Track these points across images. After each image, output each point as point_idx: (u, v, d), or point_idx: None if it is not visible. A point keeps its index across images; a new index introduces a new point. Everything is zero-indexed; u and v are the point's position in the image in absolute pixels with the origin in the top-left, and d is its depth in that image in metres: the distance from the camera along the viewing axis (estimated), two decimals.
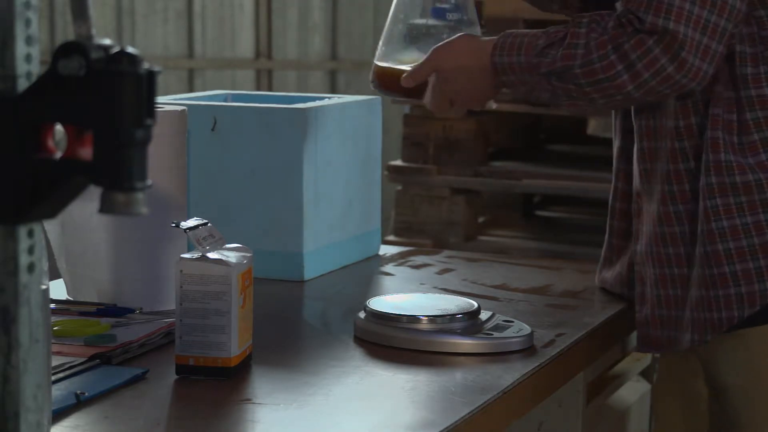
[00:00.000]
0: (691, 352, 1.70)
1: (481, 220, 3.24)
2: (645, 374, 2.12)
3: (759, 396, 1.63)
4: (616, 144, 1.81)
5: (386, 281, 2.02)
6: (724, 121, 1.61)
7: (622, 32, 1.58)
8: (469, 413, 1.33)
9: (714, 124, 1.62)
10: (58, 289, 1.76)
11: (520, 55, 1.65)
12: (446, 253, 2.23)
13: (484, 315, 1.62)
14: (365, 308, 1.63)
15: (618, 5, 1.63)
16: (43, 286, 0.96)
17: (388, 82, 1.82)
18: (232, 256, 1.44)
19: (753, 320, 1.60)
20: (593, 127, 3.51)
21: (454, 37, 1.74)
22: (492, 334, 1.57)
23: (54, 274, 1.75)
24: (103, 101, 0.83)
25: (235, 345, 1.42)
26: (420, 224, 3.10)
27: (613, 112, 1.80)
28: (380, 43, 1.86)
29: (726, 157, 1.61)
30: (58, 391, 1.33)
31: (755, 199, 1.59)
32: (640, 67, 1.57)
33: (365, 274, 2.05)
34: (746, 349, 1.63)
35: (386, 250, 2.20)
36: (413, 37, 1.84)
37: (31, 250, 0.87)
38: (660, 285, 1.70)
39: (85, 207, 1.55)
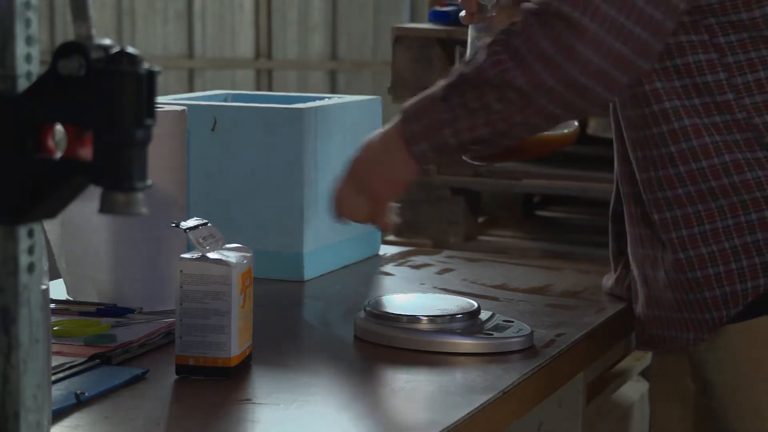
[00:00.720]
0: (683, 350, 1.71)
1: (481, 220, 3.24)
2: (645, 374, 2.12)
3: (744, 391, 1.64)
4: (615, 147, 1.81)
5: (386, 281, 2.02)
6: (705, 126, 1.60)
7: (510, 28, 1.53)
8: (469, 413, 1.33)
9: (674, 138, 1.60)
10: (58, 289, 1.76)
11: (424, 98, 1.59)
12: (446, 253, 2.24)
13: (484, 315, 1.62)
14: (365, 308, 1.63)
15: None
16: (43, 286, 0.96)
17: None
18: (232, 256, 1.44)
19: (736, 318, 1.61)
20: (593, 127, 3.51)
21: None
22: (492, 334, 1.57)
23: (54, 274, 1.75)
24: (103, 101, 0.83)
25: (235, 345, 1.42)
26: (420, 224, 3.10)
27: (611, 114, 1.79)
28: None
29: (698, 165, 1.61)
30: (58, 391, 1.33)
31: (734, 201, 1.60)
32: (524, 51, 1.50)
33: (365, 274, 2.05)
34: (729, 345, 1.63)
35: (386, 250, 2.20)
36: None
37: (31, 250, 0.87)
38: (642, 284, 1.72)
39: (85, 207, 1.55)
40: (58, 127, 0.86)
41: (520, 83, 1.51)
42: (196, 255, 1.43)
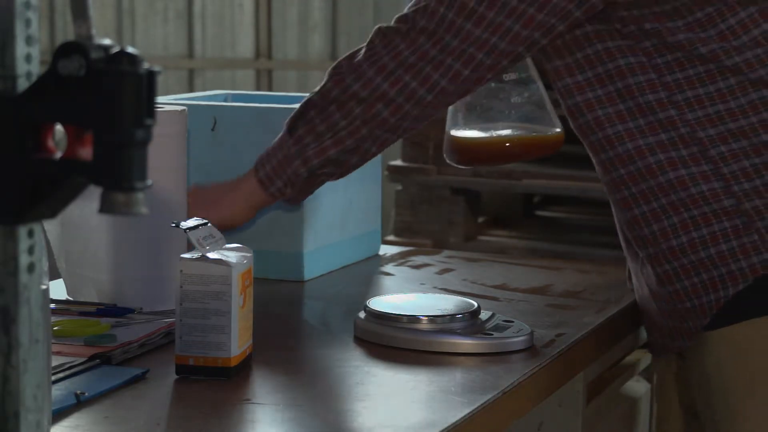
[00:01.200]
0: (674, 356, 1.74)
1: (481, 220, 3.24)
2: (645, 374, 2.13)
3: (731, 394, 1.65)
4: None
5: (386, 281, 2.02)
6: (649, 146, 1.63)
7: (357, 49, 1.65)
8: (469, 413, 1.33)
9: (621, 162, 1.65)
10: (58, 289, 1.76)
11: (275, 142, 1.70)
12: (446, 253, 2.23)
13: (484, 315, 1.62)
14: (365, 308, 1.63)
15: None
16: (43, 286, 0.96)
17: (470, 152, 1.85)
18: (232, 256, 1.44)
19: (709, 327, 1.64)
20: None
21: None
22: (492, 334, 1.57)
23: (54, 274, 1.75)
24: (103, 101, 0.83)
25: (235, 345, 1.42)
26: (420, 224, 3.10)
27: None
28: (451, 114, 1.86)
29: (647, 185, 1.64)
30: (58, 391, 1.33)
31: (685, 218, 1.63)
32: (365, 65, 1.62)
33: (365, 274, 2.05)
34: (712, 352, 1.65)
35: (386, 250, 2.20)
36: (474, 106, 1.84)
37: (31, 250, 0.87)
38: (638, 294, 1.77)
39: (85, 207, 1.55)
40: (58, 127, 0.86)
41: (363, 95, 1.61)
42: (196, 255, 1.43)
